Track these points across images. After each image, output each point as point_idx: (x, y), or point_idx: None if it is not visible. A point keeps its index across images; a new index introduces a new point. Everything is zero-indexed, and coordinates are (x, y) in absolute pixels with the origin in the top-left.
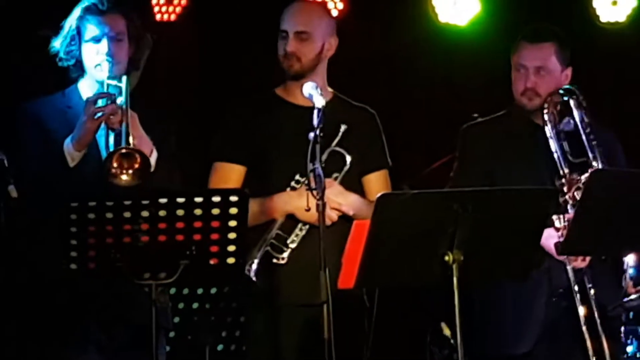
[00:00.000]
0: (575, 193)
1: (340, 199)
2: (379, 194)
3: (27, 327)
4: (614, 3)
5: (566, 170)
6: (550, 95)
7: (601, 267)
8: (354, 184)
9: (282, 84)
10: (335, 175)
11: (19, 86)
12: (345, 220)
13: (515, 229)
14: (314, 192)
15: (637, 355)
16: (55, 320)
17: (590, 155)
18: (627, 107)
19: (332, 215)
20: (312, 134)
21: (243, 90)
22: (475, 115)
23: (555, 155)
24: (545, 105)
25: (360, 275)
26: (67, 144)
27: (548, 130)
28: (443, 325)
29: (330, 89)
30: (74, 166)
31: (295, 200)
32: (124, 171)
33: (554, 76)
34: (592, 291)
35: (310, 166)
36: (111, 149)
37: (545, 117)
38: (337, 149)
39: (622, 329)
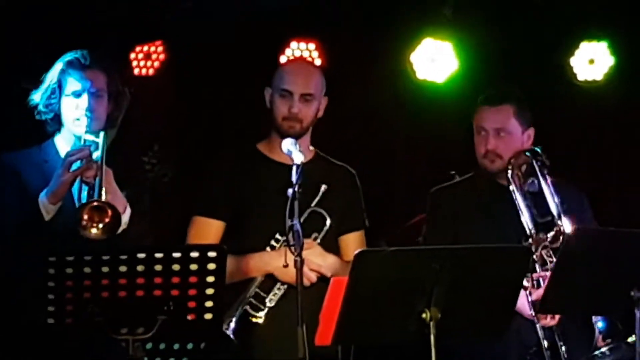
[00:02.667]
0: (542, 252)
1: (320, 261)
2: (357, 251)
3: None
4: (591, 62)
5: (533, 230)
6: (514, 156)
7: (570, 324)
8: (332, 244)
9: (265, 140)
10: (315, 235)
11: None
12: (324, 280)
13: (492, 287)
14: (292, 249)
15: None
16: None
17: (555, 214)
18: (603, 165)
19: (311, 277)
20: (290, 191)
21: (220, 144)
22: (453, 172)
23: (522, 216)
24: (510, 167)
25: (338, 332)
26: (42, 197)
27: (514, 191)
28: None
29: (312, 148)
30: (49, 219)
31: (275, 260)
32: (94, 224)
33: (515, 137)
34: (563, 348)
35: (288, 222)
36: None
37: (510, 178)
38: (318, 209)
39: None
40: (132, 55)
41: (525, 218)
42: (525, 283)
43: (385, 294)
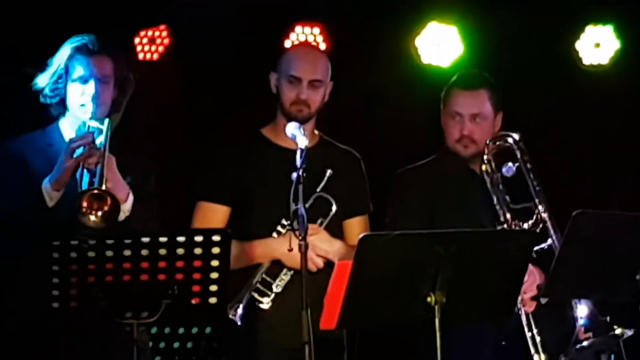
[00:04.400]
0: None
1: (327, 246)
2: (361, 235)
3: None
4: (597, 45)
5: (508, 216)
6: (491, 141)
7: (543, 311)
8: (337, 228)
9: (269, 124)
10: (320, 220)
11: None
12: (331, 266)
13: (497, 271)
14: (297, 233)
15: None
16: (34, 358)
17: (536, 200)
18: (608, 149)
19: (318, 262)
20: (294, 175)
21: (225, 129)
22: None
23: (496, 202)
24: (486, 152)
25: (342, 316)
26: (46, 183)
27: (488, 176)
28: None
29: (317, 132)
30: (52, 206)
31: (280, 246)
32: (93, 212)
33: (489, 122)
34: (537, 336)
35: (293, 206)
36: (84, 189)
37: (486, 163)
38: (323, 194)
39: None
40: (137, 40)
41: (500, 203)
42: None
43: (390, 277)
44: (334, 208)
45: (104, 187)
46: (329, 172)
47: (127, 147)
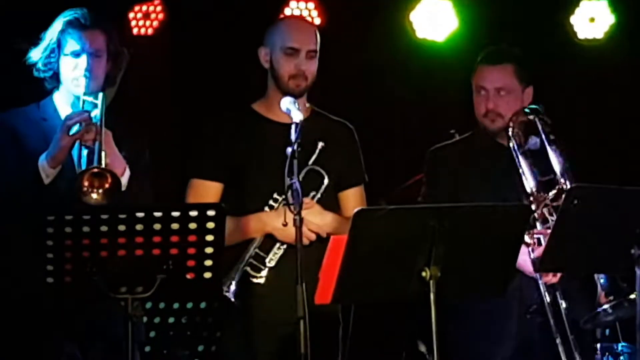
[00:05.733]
0: (543, 210)
1: (319, 220)
2: (356, 210)
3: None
4: (592, 20)
5: (534, 189)
6: (514, 115)
7: (572, 282)
8: (331, 200)
9: (261, 99)
10: (312, 193)
11: None
12: (323, 239)
13: (492, 245)
14: (291, 207)
15: None
16: (28, 334)
17: (558, 172)
18: (603, 123)
19: (310, 236)
20: (289, 149)
21: (218, 104)
22: (452, 131)
23: (523, 175)
24: (511, 125)
25: (337, 291)
26: (42, 160)
27: (514, 150)
28: (420, 343)
29: (308, 105)
30: (49, 183)
31: (273, 220)
32: (95, 190)
33: (515, 96)
34: (564, 305)
35: (287, 181)
36: (83, 167)
37: (511, 137)
38: (315, 167)
39: (598, 345)
40: (131, 15)
41: (527, 176)
42: (527, 240)
43: (385, 252)
44: (325, 181)
45: (103, 165)
46: (320, 144)
47: (121, 121)
